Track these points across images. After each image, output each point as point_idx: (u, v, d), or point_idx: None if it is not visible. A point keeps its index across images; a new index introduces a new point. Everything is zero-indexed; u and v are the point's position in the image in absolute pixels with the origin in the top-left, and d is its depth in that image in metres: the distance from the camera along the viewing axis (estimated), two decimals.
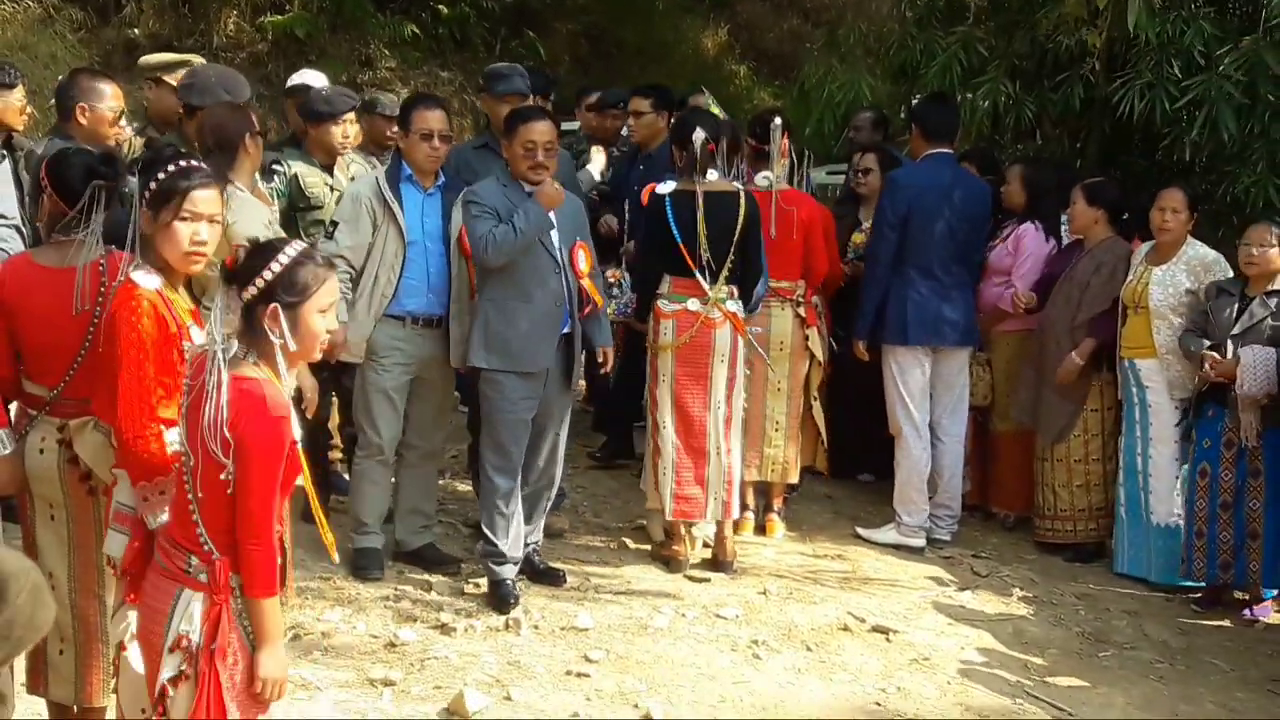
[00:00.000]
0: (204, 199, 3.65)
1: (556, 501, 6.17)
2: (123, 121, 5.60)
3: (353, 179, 6.17)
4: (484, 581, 5.69)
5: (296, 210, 6.12)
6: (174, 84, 6.08)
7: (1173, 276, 6.51)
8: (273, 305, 3.11)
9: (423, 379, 5.83)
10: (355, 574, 5.73)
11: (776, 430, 6.71)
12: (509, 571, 5.62)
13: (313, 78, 6.79)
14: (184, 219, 3.61)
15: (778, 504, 6.88)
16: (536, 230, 5.50)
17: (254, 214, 4.98)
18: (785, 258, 6.57)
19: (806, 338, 6.74)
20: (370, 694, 4.70)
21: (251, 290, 3.12)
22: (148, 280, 3.58)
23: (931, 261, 6.72)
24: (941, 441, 6.92)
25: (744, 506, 6.57)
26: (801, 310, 6.70)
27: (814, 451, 7.01)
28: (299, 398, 3.55)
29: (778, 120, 6.67)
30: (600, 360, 5.96)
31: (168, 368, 3.56)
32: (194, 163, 3.72)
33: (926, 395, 6.85)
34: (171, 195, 3.60)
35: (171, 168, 3.64)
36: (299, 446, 3.19)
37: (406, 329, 5.74)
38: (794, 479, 6.88)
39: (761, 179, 6.63)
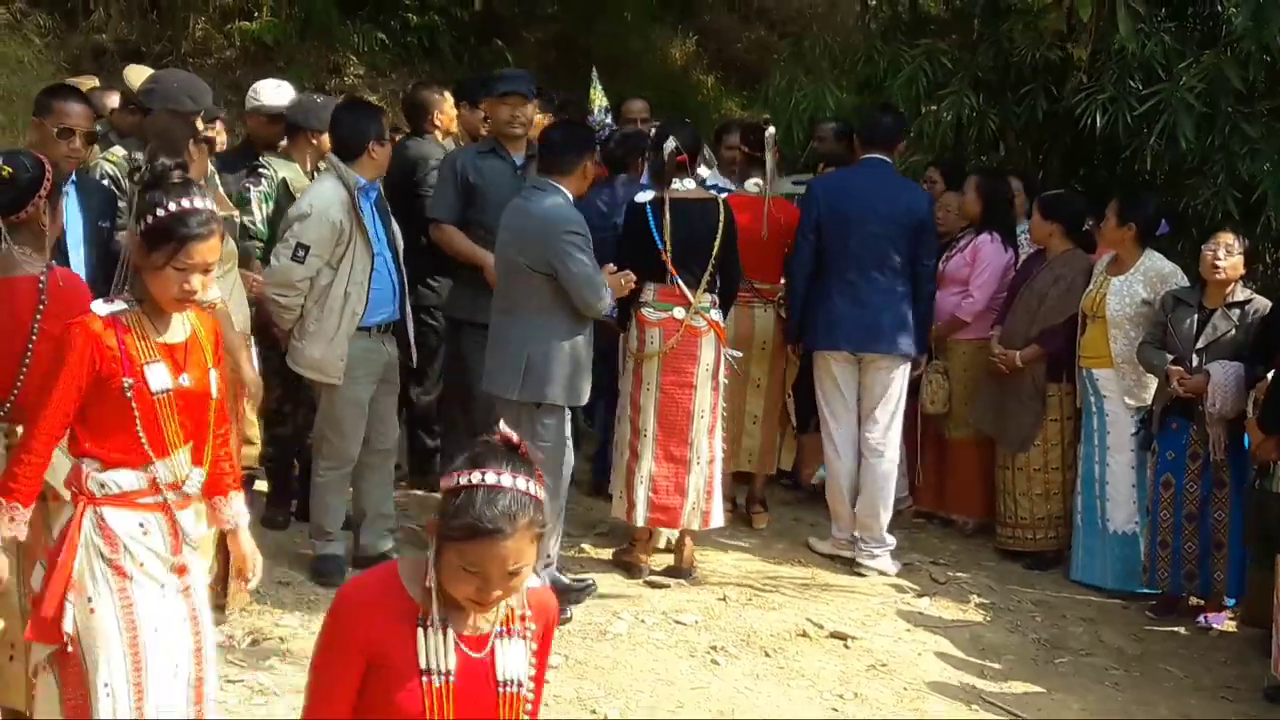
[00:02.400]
0: (201, 250, 3.36)
1: None
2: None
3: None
4: None
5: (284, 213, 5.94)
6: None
7: (1130, 287, 6.56)
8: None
9: (382, 381, 5.83)
10: (316, 579, 5.72)
11: (754, 423, 6.90)
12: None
13: (282, 94, 6.60)
14: (178, 269, 3.36)
15: (760, 494, 7.09)
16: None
17: None
18: (770, 260, 6.73)
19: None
20: None
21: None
22: (102, 309, 3.41)
23: (850, 268, 6.52)
24: (865, 458, 6.63)
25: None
26: (783, 311, 6.83)
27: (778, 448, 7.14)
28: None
29: (771, 129, 6.81)
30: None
31: (78, 398, 3.40)
32: (196, 203, 3.39)
33: (851, 409, 6.64)
34: (168, 240, 3.34)
35: (173, 207, 3.36)
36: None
37: (374, 339, 5.74)
38: (771, 469, 7.09)
39: (752, 185, 6.84)
